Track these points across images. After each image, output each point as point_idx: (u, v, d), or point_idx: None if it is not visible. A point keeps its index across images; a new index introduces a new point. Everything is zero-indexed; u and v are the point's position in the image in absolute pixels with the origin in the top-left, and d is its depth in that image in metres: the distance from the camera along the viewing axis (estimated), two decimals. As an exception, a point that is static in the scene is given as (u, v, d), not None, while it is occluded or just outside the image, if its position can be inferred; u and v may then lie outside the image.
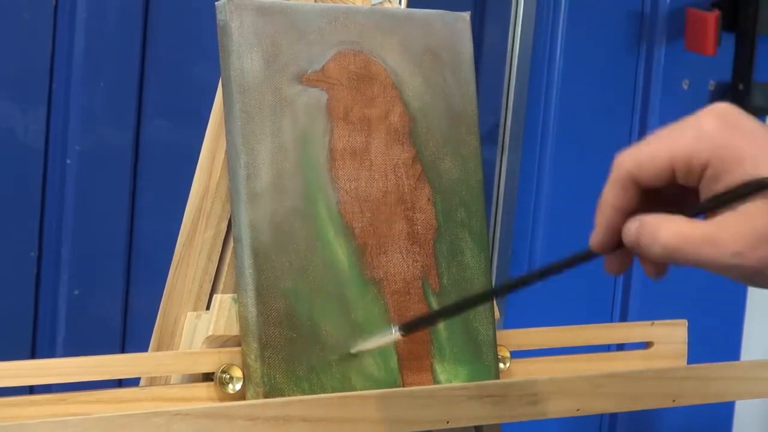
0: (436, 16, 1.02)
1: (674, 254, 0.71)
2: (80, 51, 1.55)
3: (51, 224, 1.56)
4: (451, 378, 0.99)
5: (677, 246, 0.70)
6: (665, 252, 0.71)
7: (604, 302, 2.04)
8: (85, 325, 1.59)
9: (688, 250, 0.70)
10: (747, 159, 0.69)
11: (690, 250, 0.70)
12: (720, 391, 1.05)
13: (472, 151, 1.02)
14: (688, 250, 0.70)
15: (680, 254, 0.70)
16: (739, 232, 0.69)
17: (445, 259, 1.00)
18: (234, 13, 0.93)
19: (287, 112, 0.94)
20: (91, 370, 0.88)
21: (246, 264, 0.92)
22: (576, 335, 1.08)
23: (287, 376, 0.92)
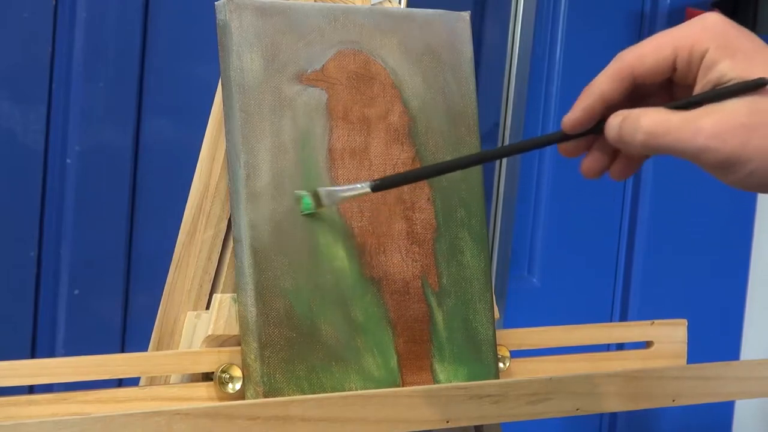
0: (436, 16, 1.02)
1: (655, 139, 0.72)
2: (80, 51, 1.56)
3: (51, 224, 1.56)
4: (451, 378, 0.99)
5: (658, 130, 0.72)
6: (646, 137, 0.72)
7: (604, 302, 2.04)
8: (85, 325, 1.59)
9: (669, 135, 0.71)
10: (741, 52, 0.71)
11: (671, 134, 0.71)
12: (720, 391, 1.05)
13: (472, 150, 1.02)
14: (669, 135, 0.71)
15: (661, 139, 0.72)
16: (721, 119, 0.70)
17: (445, 259, 1.00)
18: (234, 12, 0.93)
19: (287, 111, 0.94)
20: (91, 369, 0.88)
21: (246, 264, 0.92)
22: (576, 335, 1.08)
23: (287, 376, 0.92)
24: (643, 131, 0.72)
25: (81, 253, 1.58)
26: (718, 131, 0.70)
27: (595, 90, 0.76)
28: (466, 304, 1.01)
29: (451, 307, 1.00)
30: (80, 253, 1.58)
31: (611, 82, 0.75)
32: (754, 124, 0.70)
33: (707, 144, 0.70)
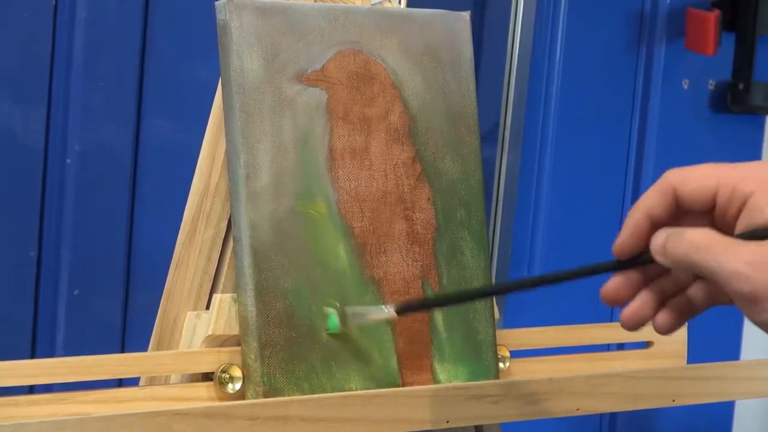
0: (436, 16, 1.02)
1: (696, 253, 0.71)
2: (80, 51, 1.56)
3: (51, 224, 1.56)
4: (451, 378, 0.99)
5: (701, 245, 0.71)
6: (689, 249, 0.71)
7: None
8: (85, 325, 1.59)
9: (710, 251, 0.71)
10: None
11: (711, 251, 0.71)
12: (720, 391, 1.05)
13: (471, 150, 1.02)
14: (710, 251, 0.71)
15: (701, 254, 0.71)
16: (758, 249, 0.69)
17: (445, 259, 1.00)
18: (234, 12, 0.93)
19: (287, 111, 0.94)
20: (91, 369, 0.88)
21: (246, 263, 0.92)
22: (576, 335, 1.08)
23: (287, 376, 0.92)
24: (687, 241, 0.72)
25: (81, 253, 1.58)
26: (755, 260, 0.69)
27: (640, 208, 0.76)
28: (466, 304, 1.01)
29: (452, 307, 1.00)
30: (80, 253, 1.58)
31: (655, 199, 0.75)
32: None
33: (741, 270, 0.69)
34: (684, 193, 0.74)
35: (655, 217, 0.75)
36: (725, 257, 0.70)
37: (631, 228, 0.76)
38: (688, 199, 0.74)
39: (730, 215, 0.73)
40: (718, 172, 0.74)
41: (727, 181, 0.73)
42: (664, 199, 0.75)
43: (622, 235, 0.76)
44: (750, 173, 0.72)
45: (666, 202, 0.75)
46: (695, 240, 0.71)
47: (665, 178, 0.75)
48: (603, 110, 1.98)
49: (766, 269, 0.69)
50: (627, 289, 0.78)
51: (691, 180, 0.74)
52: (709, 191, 0.74)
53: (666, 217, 0.75)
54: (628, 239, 0.76)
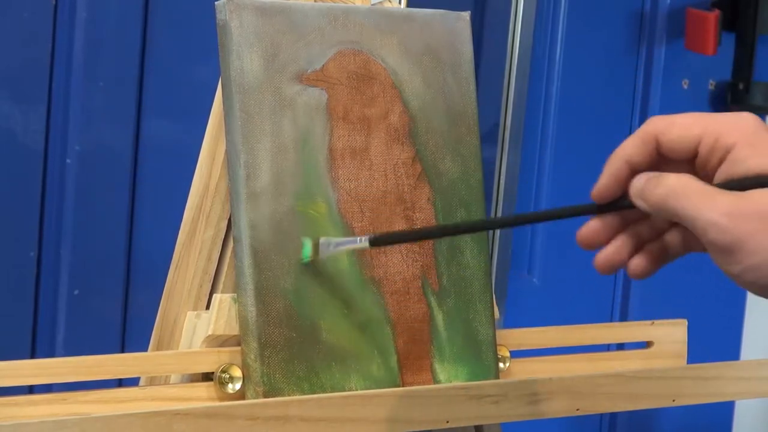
0: (436, 16, 1.02)
1: (673, 199, 0.71)
2: (80, 51, 1.56)
3: (51, 224, 1.56)
4: (451, 378, 0.99)
5: (679, 191, 0.71)
6: (666, 193, 0.71)
7: (604, 302, 2.04)
8: (85, 325, 1.59)
9: (687, 198, 0.70)
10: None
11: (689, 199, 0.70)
12: (720, 391, 1.05)
13: (472, 150, 1.02)
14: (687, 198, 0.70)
15: (678, 201, 0.71)
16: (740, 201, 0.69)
17: (445, 259, 1.00)
18: (234, 12, 0.93)
19: (287, 111, 0.94)
20: (91, 369, 0.88)
21: (246, 264, 0.92)
22: (576, 335, 1.08)
23: (287, 376, 0.92)
24: (665, 186, 0.71)
25: (81, 253, 1.58)
26: (734, 212, 0.69)
27: (620, 154, 0.75)
28: (466, 304, 1.01)
29: (451, 307, 1.00)
30: (80, 253, 1.58)
31: (636, 144, 0.75)
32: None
33: (718, 220, 0.69)
34: (666, 141, 0.74)
35: (635, 163, 0.75)
36: (703, 206, 0.69)
37: (610, 172, 0.75)
38: (669, 146, 0.74)
39: (711, 166, 0.73)
40: (703, 121, 0.73)
41: (711, 131, 0.72)
42: (645, 145, 0.74)
43: (602, 179, 0.76)
44: (734, 125, 0.72)
45: (647, 149, 0.74)
46: (674, 185, 0.71)
47: (648, 125, 0.75)
48: (603, 110, 1.98)
49: (743, 221, 0.68)
50: (604, 233, 0.77)
51: (674, 128, 0.74)
52: (691, 140, 0.73)
53: (646, 163, 0.75)
54: (608, 184, 0.76)
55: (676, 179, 0.71)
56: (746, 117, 0.72)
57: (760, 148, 0.71)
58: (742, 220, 0.68)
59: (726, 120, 0.73)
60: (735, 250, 0.69)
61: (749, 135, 0.71)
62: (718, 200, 0.69)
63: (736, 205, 0.69)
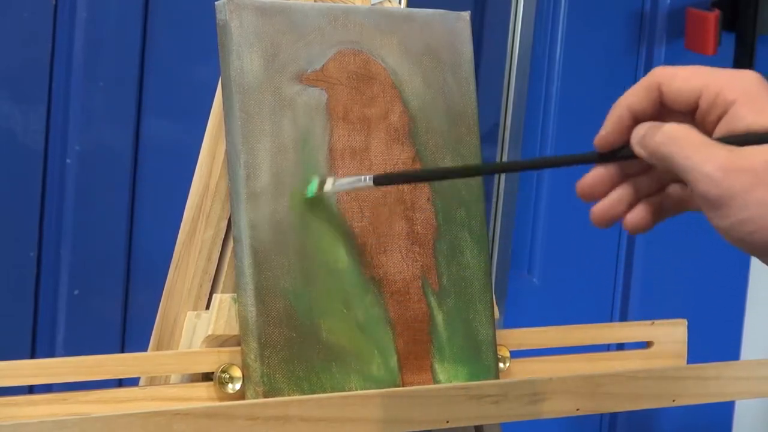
0: (436, 16, 1.02)
1: (670, 145, 0.71)
2: (80, 51, 1.56)
3: (51, 224, 1.56)
4: (451, 378, 0.99)
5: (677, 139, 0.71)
6: (663, 140, 0.71)
7: (604, 302, 2.04)
8: (85, 325, 1.59)
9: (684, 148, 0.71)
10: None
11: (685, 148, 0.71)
12: (720, 391, 1.05)
13: (472, 150, 1.02)
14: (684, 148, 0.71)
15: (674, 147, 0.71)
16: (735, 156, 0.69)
17: (445, 259, 1.00)
18: (234, 12, 0.93)
19: (287, 111, 0.94)
20: (91, 369, 0.88)
21: (245, 264, 0.92)
22: (576, 335, 1.08)
23: (287, 376, 0.92)
24: (665, 133, 0.72)
25: (81, 253, 1.58)
26: (728, 166, 0.69)
27: (623, 103, 0.76)
28: (466, 304, 1.01)
29: (451, 307, 1.00)
30: (80, 253, 1.58)
31: (639, 93, 0.75)
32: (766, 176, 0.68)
33: (712, 173, 0.69)
34: (669, 91, 0.74)
35: (637, 112, 0.75)
36: (699, 157, 0.70)
37: (613, 121, 0.76)
38: (672, 97, 0.74)
39: (710, 121, 0.73)
40: (706, 75, 0.73)
41: (713, 85, 0.72)
42: (648, 94, 0.74)
43: (604, 127, 0.76)
44: (736, 81, 0.72)
45: (650, 98, 0.74)
46: (673, 132, 0.71)
47: (652, 74, 0.75)
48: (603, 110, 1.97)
49: (737, 176, 0.69)
50: (604, 184, 0.77)
51: (677, 78, 0.74)
52: (693, 92, 0.73)
53: (649, 113, 0.75)
54: (610, 132, 0.76)
55: (675, 128, 0.72)
56: (749, 74, 0.73)
57: (759, 106, 0.71)
58: (735, 175, 0.69)
59: (728, 76, 0.73)
60: (725, 204, 0.69)
61: (750, 92, 0.72)
62: (714, 153, 0.70)
63: (730, 160, 0.69)
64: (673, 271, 2.04)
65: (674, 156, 0.71)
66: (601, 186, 0.77)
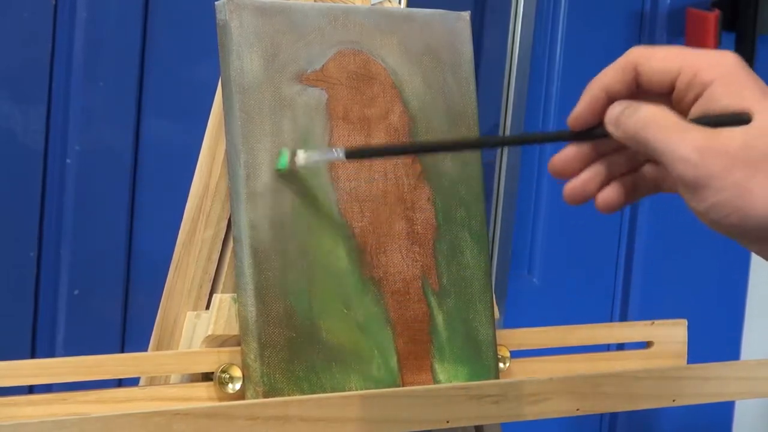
0: (436, 16, 1.02)
1: (646, 129, 0.71)
2: (80, 51, 1.56)
3: (51, 224, 1.56)
4: (451, 378, 0.99)
5: (653, 122, 0.70)
6: (639, 124, 0.71)
7: (604, 302, 2.04)
8: (84, 325, 1.59)
9: (660, 131, 0.70)
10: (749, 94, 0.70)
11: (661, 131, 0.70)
12: (720, 391, 1.05)
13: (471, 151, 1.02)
14: (660, 131, 0.70)
15: (650, 131, 0.70)
16: (712, 139, 0.69)
17: (445, 259, 1.00)
18: (234, 12, 0.93)
19: (287, 111, 0.94)
20: (91, 369, 0.88)
21: (245, 264, 0.92)
22: (576, 335, 1.08)
23: (287, 376, 0.92)
24: (640, 115, 0.71)
25: (81, 253, 1.58)
26: (705, 148, 0.68)
27: (598, 82, 0.75)
28: (466, 304, 1.01)
29: (451, 307, 1.00)
30: (80, 253, 1.58)
31: (615, 73, 0.74)
32: (742, 158, 0.68)
33: (689, 155, 0.68)
34: (645, 72, 0.73)
35: (613, 92, 0.74)
36: (675, 139, 0.69)
37: (587, 100, 0.75)
38: (648, 78, 0.73)
39: (686, 101, 0.72)
40: (683, 55, 0.73)
41: (690, 66, 0.72)
42: (624, 74, 0.74)
43: (578, 106, 0.75)
44: (713, 62, 0.72)
45: (626, 79, 0.74)
46: (649, 115, 0.71)
47: (628, 54, 0.74)
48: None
49: (713, 158, 0.68)
50: (577, 162, 0.76)
51: (654, 59, 0.73)
52: (670, 73, 0.73)
53: (624, 93, 0.74)
54: (584, 111, 0.75)
55: (652, 109, 0.71)
56: (727, 55, 0.72)
57: (736, 87, 0.70)
58: (711, 157, 0.68)
59: (706, 56, 0.72)
60: (702, 187, 0.69)
61: (728, 74, 0.71)
62: (690, 135, 0.69)
63: (706, 142, 0.69)
64: (673, 271, 2.04)
65: (650, 139, 0.70)
66: (573, 164, 0.76)
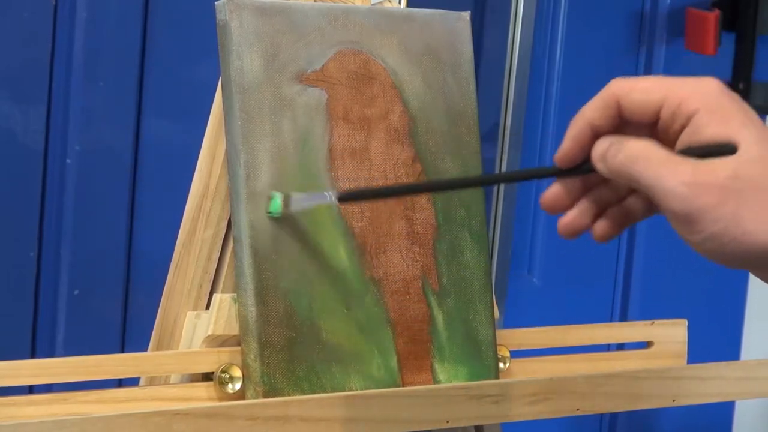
0: (436, 16, 1.02)
1: (633, 165, 0.70)
2: (80, 51, 1.56)
3: (51, 224, 1.56)
4: (451, 378, 0.99)
5: (640, 156, 0.70)
6: (625, 160, 0.70)
7: (604, 302, 2.04)
8: (84, 325, 1.59)
9: (648, 166, 0.70)
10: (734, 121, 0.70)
11: (650, 166, 0.70)
12: (720, 391, 1.05)
13: (472, 150, 1.02)
14: (648, 166, 0.70)
15: (638, 166, 0.70)
16: (703, 171, 0.68)
17: (445, 259, 1.00)
18: (234, 12, 0.93)
19: (287, 111, 0.94)
20: (91, 369, 0.88)
21: (245, 264, 0.92)
22: (576, 335, 1.08)
23: (287, 376, 0.92)
24: (625, 153, 0.71)
25: (81, 253, 1.58)
26: (696, 181, 0.68)
27: (581, 118, 0.75)
28: (466, 304, 1.01)
29: (451, 307, 1.00)
30: (80, 253, 1.58)
31: (598, 108, 0.74)
32: (732, 188, 0.67)
33: (679, 189, 0.68)
34: (627, 104, 0.73)
35: (597, 126, 0.74)
36: (663, 173, 0.69)
37: (573, 136, 0.75)
38: (631, 110, 0.73)
39: (672, 131, 0.72)
40: (665, 85, 0.72)
41: (674, 96, 0.71)
42: (607, 108, 0.73)
43: (564, 143, 0.75)
44: (697, 90, 0.71)
45: (609, 112, 0.73)
46: (635, 150, 0.70)
47: (609, 87, 0.74)
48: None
49: (704, 191, 0.68)
50: (567, 197, 0.76)
51: (635, 91, 0.73)
52: (653, 104, 0.72)
53: (608, 126, 0.74)
54: (570, 147, 0.75)
55: (638, 145, 0.71)
56: (709, 82, 0.71)
57: (721, 115, 0.70)
58: (702, 190, 0.68)
59: (689, 85, 0.71)
60: (695, 220, 0.68)
61: (712, 101, 0.70)
62: (679, 169, 0.69)
63: (696, 174, 0.68)
64: (673, 271, 2.04)
65: (638, 175, 0.70)
66: (563, 199, 0.76)
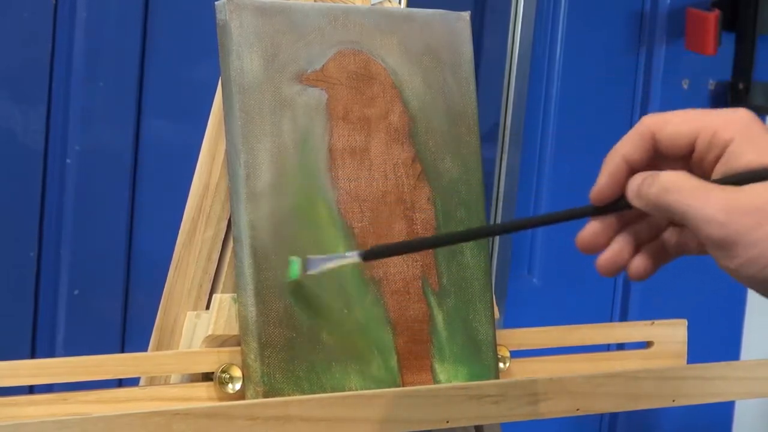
0: (436, 16, 1.02)
1: (667, 195, 0.71)
2: (80, 51, 1.56)
3: (51, 224, 1.56)
4: (451, 378, 0.99)
5: (673, 187, 0.71)
6: (659, 192, 0.71)
7: (604, 302, 2.04)
8: (85, 324, 1.59)
9: (681, 194, 0.70)
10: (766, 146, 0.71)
11: (683, 195, 0.70)
12: (720, 391, 1.05)
13: (471, 150, 1.02)
14: (681, 194, 0.70)
15: (672, 196, 0.71)
16: (737, 196, 0.69)
17: (445, 259, 1.00)
18: (234, 12, 0.93)
19: (287, 111, 0.94)
20: (91, 369, 0.88)
21: (245, 264, 0.92)
22: (576, 335, 1.08)
23: (287, 376, 0.92)
24: (659, 185, 0.71)
25: (81, 253, 1.58)
26: (731, 207, 0.69)
27: (616, 153, 0.75)
28: (466, 304, 1.01)
29: (451, 307, 1.00)
30: (80, 253, 1.58)
31: (633, 142, 0.74)
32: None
33: (715, 216, 0.69)
34: (662, 138, 0.74)
35: (632, 161, 0.74)
36: (698, 201, 0.69)
37: (608, 173, 0.75)
38: (666, 143, 0.74)
39: (708, 162, 0.73)
40: (699, 117, 0.73)
41: (708, 127, 0.72)
42: (642, 143, 0.74)
43: (600, 180, 0.76)
44: (731, 120, 0.72)
45: (644, 147, 0.74)
46: (669, 181, 0.71)
47: (643, 122, 0.74)
48: (603, 110, 1.98)
49: (739, 215, 0.68)
50: (603, 236, 0.76)
51: (670, 124, 0.73)
52: (688, 136, 0.73)
53: (643, 161, 0.74)
54: (606, 184, 0.75)
55: (671, 176, 0.71)
56: (741, 112, 0.72)
57: (756, 143, 0.71)
58: (739, 215, 0.68)
59: (722, 116, 0.73)
60: (732, 245, 0.69)
61: (745, 130, 0.71)
62: (713, 195, 0.69)
63: (731, 200, 0.69)
64: (673, 271, 2.03)
65: (674, 204, 0.71)
66: (600, 238, 0.77)
